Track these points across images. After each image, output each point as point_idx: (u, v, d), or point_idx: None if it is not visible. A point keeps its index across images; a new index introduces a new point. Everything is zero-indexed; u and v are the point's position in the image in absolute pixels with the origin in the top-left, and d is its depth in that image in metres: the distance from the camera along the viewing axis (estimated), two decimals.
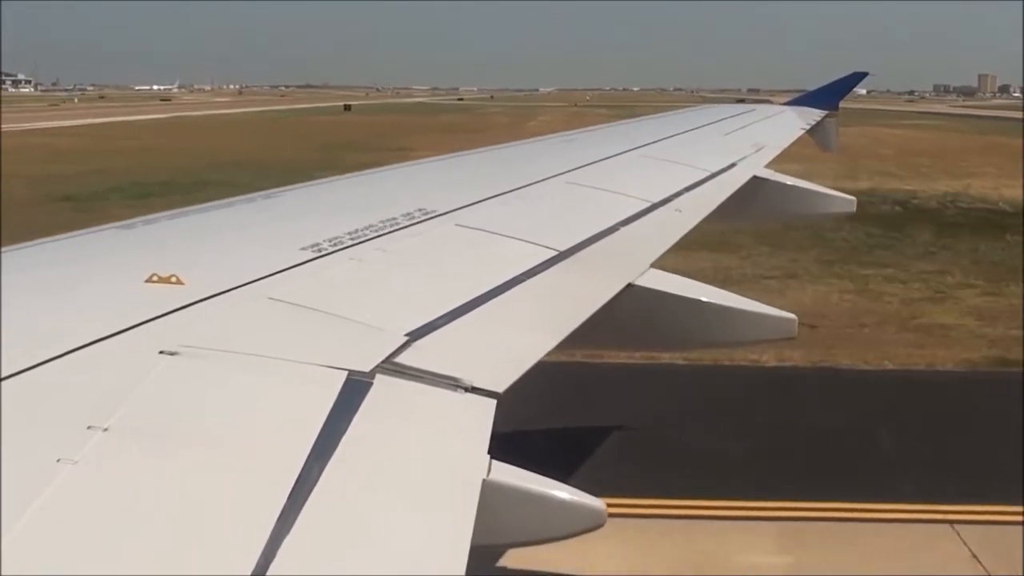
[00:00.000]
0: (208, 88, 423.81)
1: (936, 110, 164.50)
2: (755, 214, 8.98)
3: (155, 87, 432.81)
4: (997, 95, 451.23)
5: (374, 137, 65.46)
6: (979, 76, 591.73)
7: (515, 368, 3.02)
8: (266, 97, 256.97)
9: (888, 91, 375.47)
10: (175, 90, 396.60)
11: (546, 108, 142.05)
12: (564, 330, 3.54)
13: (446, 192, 5.31)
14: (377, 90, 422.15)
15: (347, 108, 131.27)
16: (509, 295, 3.66)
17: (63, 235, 3.93)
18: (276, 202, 4.99)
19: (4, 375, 2.24)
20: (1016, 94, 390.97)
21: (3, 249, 3.53)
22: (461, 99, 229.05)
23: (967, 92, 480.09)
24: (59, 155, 50.74)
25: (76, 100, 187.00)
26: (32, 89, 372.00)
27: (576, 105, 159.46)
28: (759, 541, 9.53)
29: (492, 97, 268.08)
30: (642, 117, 15.06)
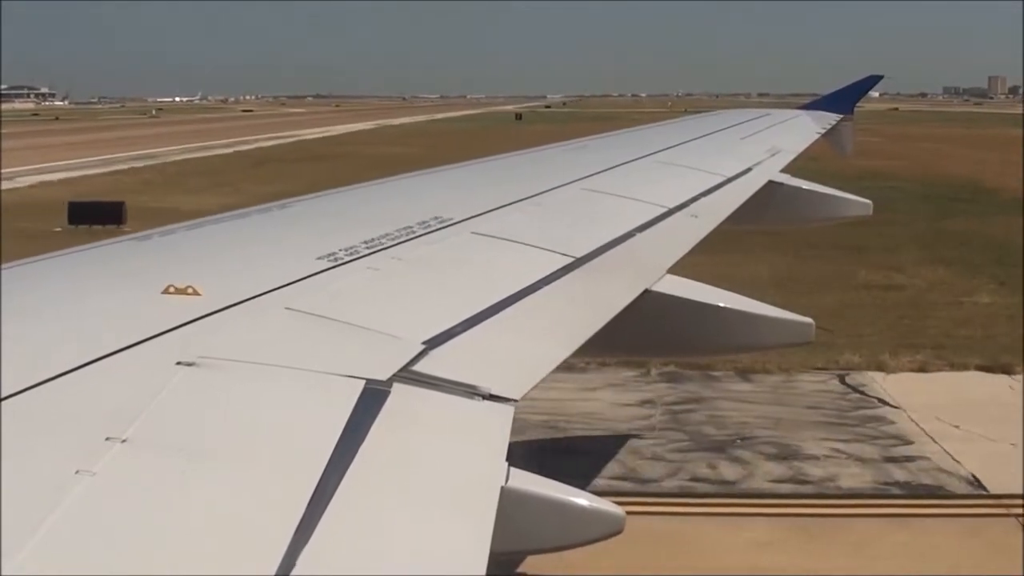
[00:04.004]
0: (232, 100, 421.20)
1: None
2: (771, 218, 8.96)
3: (177, 99, 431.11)
4: (1008, 96, 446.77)
5: None
6: (989, 78, 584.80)
7: (532, 375, 3.02)
8: (322, 109, 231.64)
9: (898, 94, 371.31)
10: (197, 100, 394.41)
11: (655, 112, 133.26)
12: (581, 336, 3.53)
13: (462, 200, 5.31)
14: (404, 99, 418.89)
15: (518, 117, 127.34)
16: (526, 302, 3.66)
17: (80, 247, 3.94)
18: (291, 212, 5.00)
19: (22, 387, 2.24)
20: None
21: (21, 261, 3.54)
22: (548, 107, 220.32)
23: (978, 94, 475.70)
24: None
25: (154, 112, 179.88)
26: (64, 103, 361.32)
27: (687, 110, 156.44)
28: None
29: (564, 104, 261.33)
30: (660, 122, 14.98)
